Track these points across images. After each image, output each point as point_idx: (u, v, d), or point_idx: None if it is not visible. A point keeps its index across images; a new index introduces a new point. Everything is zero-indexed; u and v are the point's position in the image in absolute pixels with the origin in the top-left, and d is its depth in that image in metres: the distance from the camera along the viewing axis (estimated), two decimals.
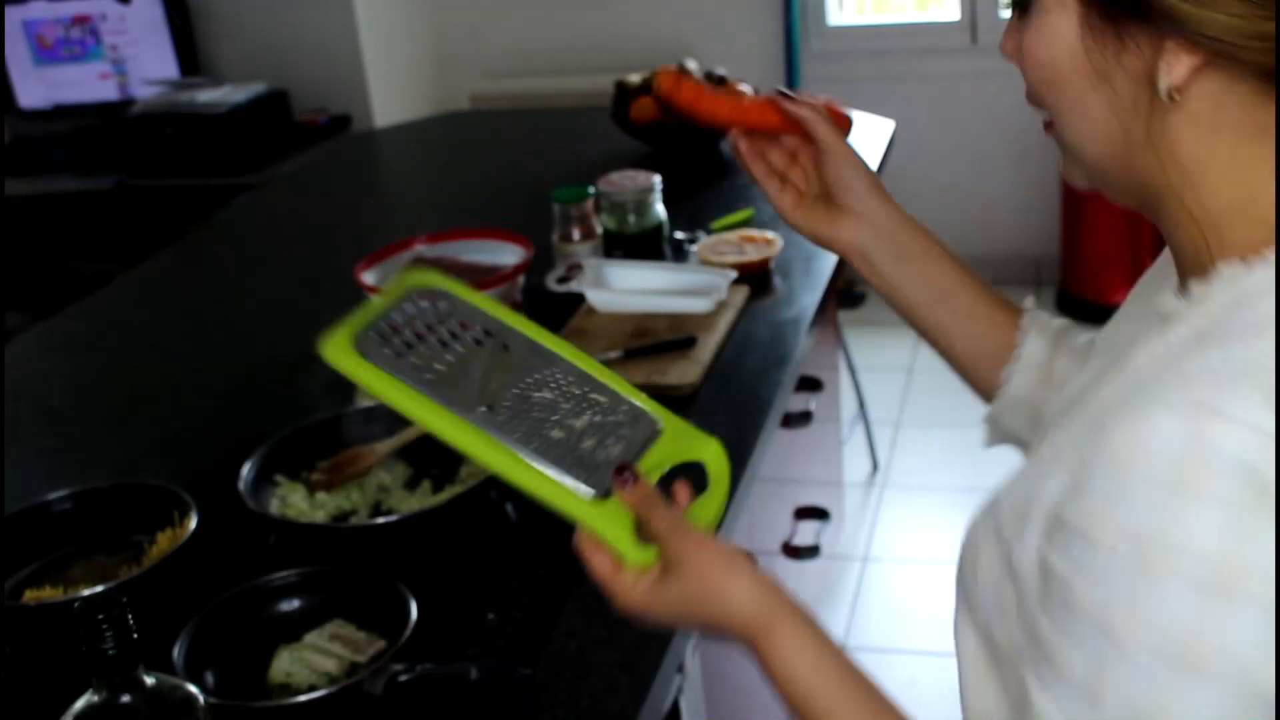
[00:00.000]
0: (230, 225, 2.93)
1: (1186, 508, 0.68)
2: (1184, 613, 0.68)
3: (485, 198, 2.71)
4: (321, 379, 1.92)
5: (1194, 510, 0.68)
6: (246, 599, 1.35)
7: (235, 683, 1.27)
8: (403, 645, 1.24)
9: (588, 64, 4.38)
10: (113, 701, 0.99)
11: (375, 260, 2.16)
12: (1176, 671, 0.69)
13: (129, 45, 4.31)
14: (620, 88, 2.78)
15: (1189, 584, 0.68)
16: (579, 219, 2.13)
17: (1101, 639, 0.71)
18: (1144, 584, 0.69)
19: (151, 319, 2.36)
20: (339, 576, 1.37)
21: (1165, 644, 0.69)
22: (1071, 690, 0.73)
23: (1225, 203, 0.76)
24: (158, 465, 1.75)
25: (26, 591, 1.44)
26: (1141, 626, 0.69)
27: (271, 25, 4.26)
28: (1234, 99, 0.73)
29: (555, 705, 1.23)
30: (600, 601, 1.37)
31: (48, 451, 1.83)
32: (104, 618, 0.96)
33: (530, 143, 3.09)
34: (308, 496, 1.56)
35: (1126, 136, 0.78)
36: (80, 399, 2.00)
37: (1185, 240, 0.80)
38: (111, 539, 1.52)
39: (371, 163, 3.23)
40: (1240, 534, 0.67)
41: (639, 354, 1.82)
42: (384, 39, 4.34)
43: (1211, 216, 0.77)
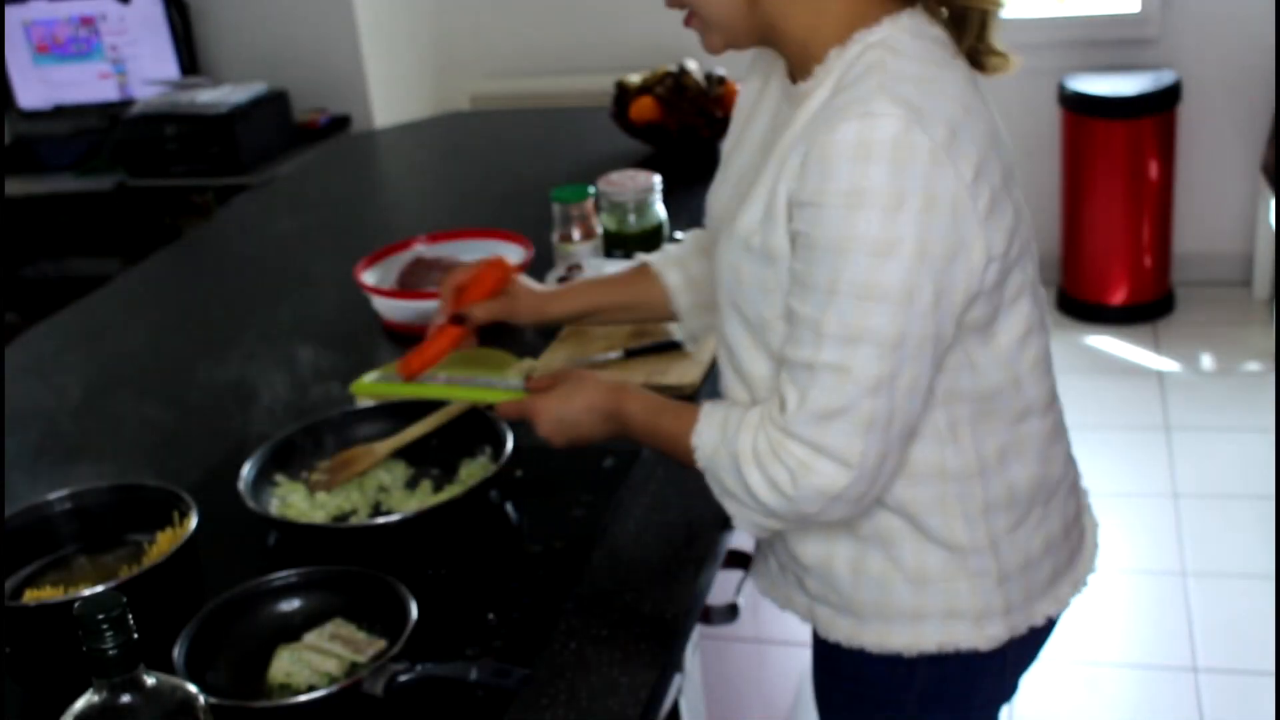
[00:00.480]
0: (230, 225, 2.93)
1: (868, 165, 1.11)
2: (874, 229, 1.11)
3: (485, 198, 2.71)
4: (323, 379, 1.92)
5: (873, 166, 1.11)
6: (246, 599, 1.35)
7: (235, 683, 1.27)
8: (403, 645, 1.25)
9: (588, 64, 4.38)
10: (113, 701, 0.99)
11: (375, 260, 2.16)
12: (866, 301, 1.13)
13: (129, 45, 4.31)
14: (620, 88, 2.78)
15: (875, 207, 1.11)
16: (579, 219, 2.13)
17: (829, 264, 1.13)
18: (848, 216, 1.11)
19: (151, 319, 2.36)
20: (339, 576, 1.37)
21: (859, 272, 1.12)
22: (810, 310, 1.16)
23: (807, 22, 1.21)
24: (158, 465, 1.75)
25: (26, 591, 1.44)
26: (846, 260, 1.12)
27: (271, 25, 4.25)
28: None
29: (555, 705, 1.23)
30: (600, 601, 1.38)
31: (48, 451, 1.83)
32: (104, 618, 0.96)
33: (530, 143, 3.09)
34: (308, 497, 1.56)
35: (746, 6, 1.22)
36: (80, 399, 2.00)
37: (794, 52, 1.24)
38: (111, 539, 1.53)
39: (371, 163, 3.23)
40: (901, 174, 1.11)
41: (639, 354, 1.83)
42: (384, 39, 4.34)
43: (803, 32, 1.22)
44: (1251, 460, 3.27)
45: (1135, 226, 3.99)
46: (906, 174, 1.11)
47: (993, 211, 1.17)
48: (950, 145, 1.13)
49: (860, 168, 1.11)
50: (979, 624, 1.30)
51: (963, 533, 1.27)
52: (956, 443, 1.26)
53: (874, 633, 1.32)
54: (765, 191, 1.22)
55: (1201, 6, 3.95)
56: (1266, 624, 2.69)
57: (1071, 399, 3.81)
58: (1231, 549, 2.98)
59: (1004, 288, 1.23)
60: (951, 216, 1.14)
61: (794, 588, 1.39)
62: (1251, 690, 2.57)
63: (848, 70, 1.18)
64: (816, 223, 1.14)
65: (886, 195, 1.11)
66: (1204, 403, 3.58)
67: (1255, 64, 3.92)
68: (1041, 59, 4.08)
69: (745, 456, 1.22)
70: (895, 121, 1.11)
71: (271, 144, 4.11)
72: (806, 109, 1.21)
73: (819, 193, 1.13)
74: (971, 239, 1.16)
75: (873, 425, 1.16)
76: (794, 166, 1.17)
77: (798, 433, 1.18)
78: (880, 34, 1.18)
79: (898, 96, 1.13)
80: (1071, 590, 1.39)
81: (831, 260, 1.14)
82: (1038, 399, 1.31)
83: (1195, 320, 4.03)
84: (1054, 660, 2.66)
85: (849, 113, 1.13)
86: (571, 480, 1.57)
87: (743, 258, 1.24)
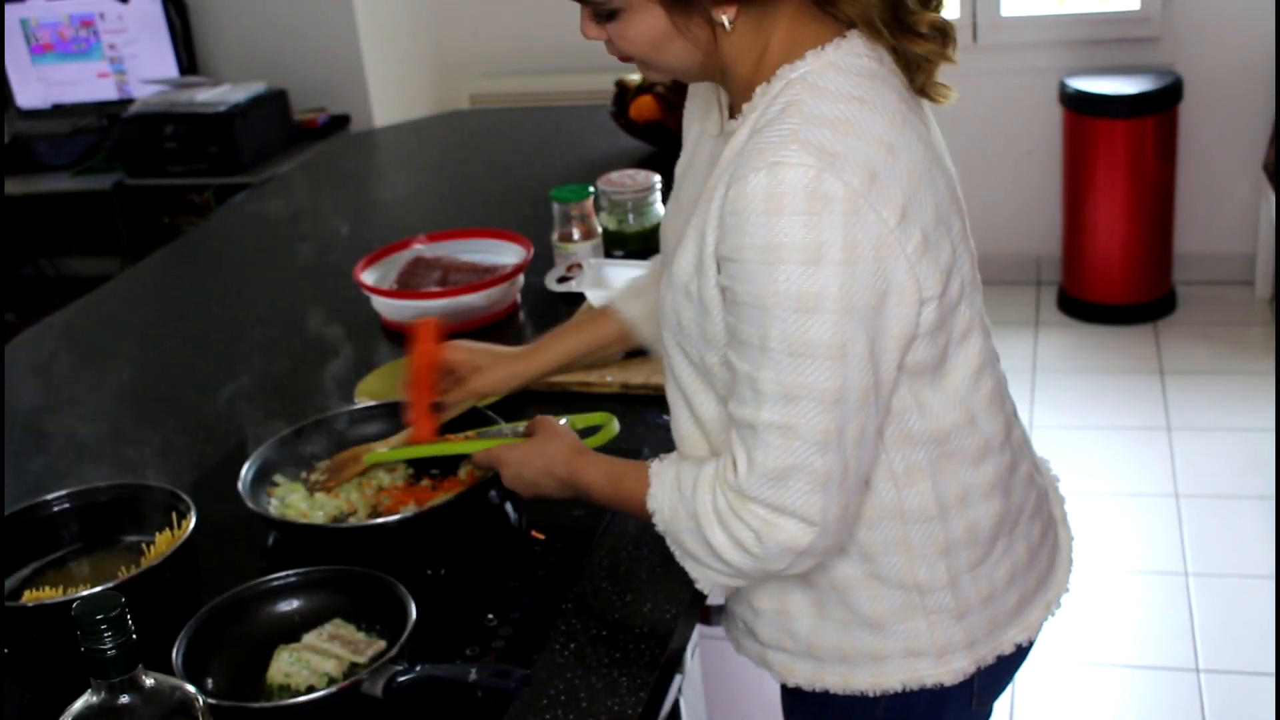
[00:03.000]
0: (229, 225, 2.93)
1: (780, 219, 1.08)
2: (794, 285, 1.08)
3: (485, 197, 2.71)
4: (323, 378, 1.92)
5: (784, 219, 1.08)
6: (246, 599, 1.34)
7: (234, 683, 1.27)
8: (402, 646, 1.24)
9: (587, 63, 4.37)
10: (111, 702, 0.98)
11: (375, 260, 2.16)
12: (798, 358, 1.10)
13: (128, 44, 4.31)
14: (620, 87, 2.77)
15: (794, 262, 1.08)
16: (579, 218, 2.13)
17: (756, 320, 1.11)
18: (768, 272, 1.09)
19: (150, 318, 2.35)
20: (338, 577, 1.37)
21: (787, 329, 1.10)
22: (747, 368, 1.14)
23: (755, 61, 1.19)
24: (158, 465, 1.75)
25: (26, 592, 1.44)
26: (772, 317, 1.10)
27: (270, 24, 4.25)
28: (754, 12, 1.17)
29: (555, 705, 1.23)
30: (600, 601, 1.38)
31: (48, 451, 1.83)
32: (104, 618, 0.96)
33: (530, 142, 3.09)
34: (307, 497, 1.55)
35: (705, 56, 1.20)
36: (80, 399, 1.99)
37: (739, 91, 1.22)
38: (111, 539, 1.52)
39: (371, 162, 3.22)
40: (816, 225, 1.08)
41: (639, 354, 1.82)
42: (383, 38, 4.33)
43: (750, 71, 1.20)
44: (1253, 460, 3.27)
45: (1136, 226, 3.98)
46: (821, 225, 1.08)
47: (925, 251, 1.14)
48: (869, 190, 1.09)
49: (772, 221, 1.08)
50: (942, 659, 1.29)
51: (923, 573, 1.26)
52: (913, 485, 1.24)
53: (836, 675, 1.31)
54: (695, 240, 1.19)
55: (1203, 5, 3.94)
56: (1267, 624, 2.69)
57: (1072, 399, 3.81)
58: (1233, 549, 2.98)
59: (949, 327, 1.20)
60: (875, 263, 1.10)
61: (744, 634, 1.38)
62: (1253, 691, 2.56)
63: (766, 109, 1.15)
64: (738, 279, 1.12)
65: (803, 249, 1.08)
66: (1205, 403, 3.57)
67: (1257, 63, 3.91)
68: (1042, 58, 4.08)
69: (706, 517, 1.20)
70: (804, 171, 1.08)
71: (270, 143, 4.11)
72: (731, 147, 1.18)
73: (736, 248, 1.11)
74: (902, 282, 1.12)
75: (829, 481, 1.14)
76: (714, 217, 1.15)
77: (754, 495, 1.16)
78: (802, 69, 1.16)
79: (809, 143, 1.09)
80: (1043, 613, 1.36)
81: (758, 317, 1.11)
82: (995, 435, 1.28)
83: (1196, 320, 4.03)
84: (1055, 660, 2.65)
85: (758, 162, 1.10)
86: None
87: (682, 304, 1.22)
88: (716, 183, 1.17)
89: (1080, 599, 1.42)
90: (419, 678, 1.21)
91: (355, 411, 1.68)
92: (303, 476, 1.60)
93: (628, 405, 1.69)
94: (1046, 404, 3.62)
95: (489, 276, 2.07)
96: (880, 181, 1.11)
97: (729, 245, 1.12)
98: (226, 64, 4.34)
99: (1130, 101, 3.84)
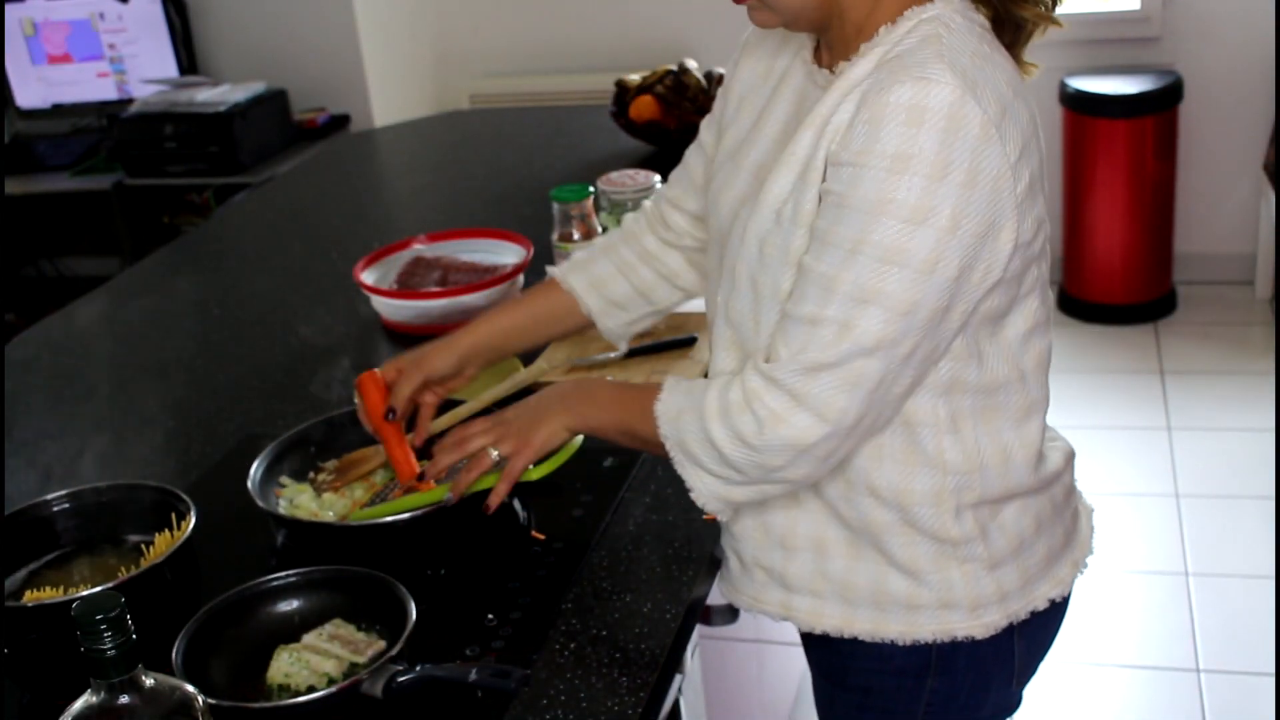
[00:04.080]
0: (229, 225, 2.93)
1: (919, 131, 1.09)
2: (914, 196, 1.09)
3: (485, 197, 2.71)
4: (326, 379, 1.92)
5: (924, 132, 1.09)
6: (245, 599, 1.34)
7: (234, 683, 1.27)
8: (402, 646, 1.24)
9: (588, 63, 4.38)
10: (111, 702, 0.98)
11: (375, 260, 2.16)
12: (887, 264, 1.11)
13: (128, 44, 4.31)
14: (620, 86, 2.77)
15: (919, 174, 1.09)
16: (579, 219, 2.13)
17: (857, 224, 1.11)
18: (891, 180, 1.10)
19: (150, 318, 2.35)
20: (338, 577, 1.37)
21: (888, 235, 1.10)
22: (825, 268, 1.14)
23: (868, 9, 1.20)
24: (158, 465, 1.75)
25: (26, 592, 1.44)
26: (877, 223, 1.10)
27: (270, 24, 4.25)
28: None
29: (555, 705, 1.23)
30: (600, 601, 1.37)
31: (48, 451, 1.83)
32: (104, 618, 0.96)
33: (530, 142, 3.09)
34: (315, 497, 1.55)
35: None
36: (79, 399, 2.00)
37: (846, 34, 1.22)
38: (111, 539, 1.52)
39: (371, 162, 3.23)
40: (951, 144, 1.09)
41: (639, 354, 1.82)
42: (383, 38, 4.33)
43: (863, 14, 1.21)
44: (1253, 460, 3.27)
45: (1137, 226, 3.98)
46: (956, 145, 1.10)
47: (1029, 197, 1.17)
48: (1001, 121, 1.13)
49: (911, 132, 1.10)
50: (974, 612, 1.29)
51: (952, 526, 1.25)
52: (957, 433, 1.23)
53: (868, 620, 1.29)
54: (800, 156, 1.20)
55: (1203, 5, 3.94)
56: (1268, 624, 2.69)
57: (1073, 399, 3.81)
58: (1233, 549, 2.98)
59: (1022, 280, 1.22)
60: (992, 193, 1.12)
61: (764, 585, 1.34)
62: (1253, 691, 2.57)
63: (898, 43, 1.17)
64: (855, 182, 1.12)
65: (932, 164, 1.09)
66: (1206, 403, 3.57)
67: (1257, 63, 3.92)
68: (1043, 58, 4.05)
69: (710, 412, 1.20)
70: (951, 90, 1.10)
71: (270, 143, 4.11)
72: (847, 78, 1.19)
73: (863, 153, 1.11)
74: (1005, 220, 1.14)
75: (859, 384, 1.14)
76: (838, 125, 1.16)
77: (781, 379, 1.16)
78: (934, 11, 1.18)
79: (955, 65, 1.12)
80: (1072, 571, 1.36)
81: (861, 221, 1.11)
82: (1040, 399, 1.29)
83: (1197, 320, 4.03)
84: (1055, 660, 2.65)
85: (905, 75, 1.12)
86: (571, 480, 1.57)
87: (772, 230, 1.21)
88: (836, 102, 1.18)
89: (1081, 599, 1.42)
90: (419, 678, 1.21)
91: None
92: (310, 477, 1.59)
93: None
94: None
95: (489, 276, 2.07)
96: (1009, 116, 1.14)
97: (854, 150, 1.12)
98: (226, 64, 4.34)
99: (1130, 101, 3.84)
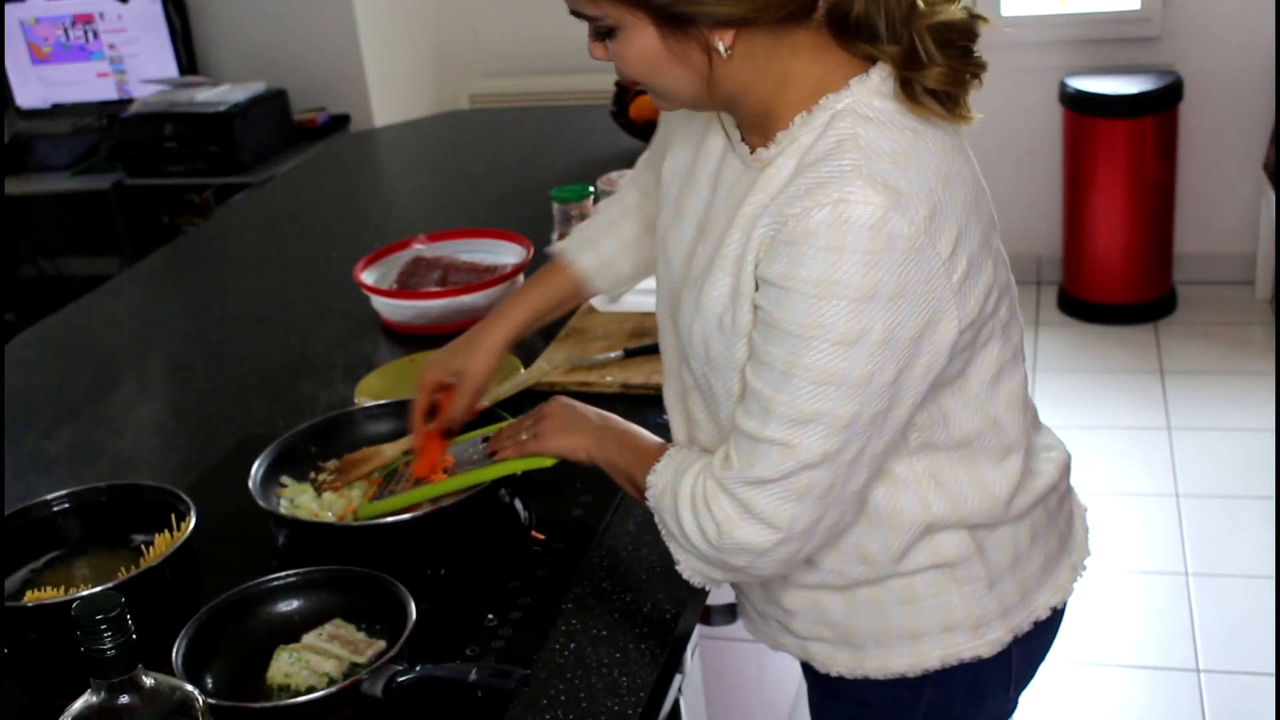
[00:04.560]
0: (228, 225, 2.93)
1: (841, 256, 1.06)
2: (841, 321, 1.07)
3: (485, 197, 2.71)
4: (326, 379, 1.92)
5: (846, 258, 1.06)
6: (245, 599, 1.34)
7: (234, 683, 1.27)
8: (402, 646, 1.24)
9: (587, 63, 4.36)
10: (111, 702, 0.98)
11: (375, 260, 2.16)
12: (822, 386, 1.09)
13: (127, 44, 4.31)
14: (620, 86, 2.77)
15: (846, 299, 1.06)
16: (579, 218, 2.13)
17: (788, 347, 1.09)
18: (816, 305, 1.07)
19: (150, 318, 2.35)
20: (338, 577, 1.37)
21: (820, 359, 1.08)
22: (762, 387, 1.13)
23: (772, 91, 1.16)
24: (158, 465, 1.75)
25: (27, 592, 1.44)
26: (808, 347, 1.08)
27: (270, 24, 4.25)
28: (759, 41, 1.13)
29: (555, 705, 1.23)
30: (600, 601, 1.37)
31: (47, 451, 1.83)
32: (103, 618, 0.96)
33: (530, 142, 3.09)
34: (316, 497, 1.54)
35: (705, 83, 1.16)
36: (78, 399, 1.99)
37: (752, 119, 1.19)
38: (111, 539, 1.52)
39: (371, 162, 3.23)
40: (876, 266, 1.06)
41: (639, 353, 1.82)
42: (383, 38, 4.33)
43: (768, 100, 1.17)
44: (1253, 460, 3.27)
45: (1137, 226, 3.98)
46: (881, 265, 1.06)
47: (968, 278, 1.12)
48: (931, 224, 1.08)
49: (833, 258, 1.06)
50: (977, 631, 1.29)
51: (949, 551, 1.26)
52: (940, 486, 1.23)
53: (875, 659, 1.31)
54: (731, 264, 1.17)
55: (1203, 5, 3.94)
56: (1268, 624, 2.69)
57: (1073, 399, 3.81)
58: (1233, 549, 2.98)
59: (975, 341, 1.19)
60: (924, 297, 1.09)
61: (780, 632, 1.37)
62: (1253, 691, 2.56)
63: (816, 141, 1.12)
64: (782, 306, 1.10)
65: (858, 287, 1.06)
66: (1206, 403, 3.57)
67: (1257, 62, 3.91)
68: (1043, 58, 4.08)
69: (684, 499, 1.23)
70: (872, 210, 1.06)
71: (270, 143, 4.11)
72: (770, 178, 1.15)
73: (787, 277, 1.09)
74: (943, 314, 1.11)
75: (807, 494, 1.15)
76: (760, 240, 1.13)
77: (732, 490, 1.17)
78: (848, 99, 1.13)
79: (875, 179, 1.07)
80: (1070, 575, 1.36)
81: (792, 344, 1.10)
82: (1018, 436, 1.27)
83: (1197, 320, 4.03)
84: (1055, 660, 2.65)
85: (822, 197, 1.07)
86: (571, 480, 1.57)
87: (714, 336, 1.20)
88: (758, 210, 1.15)
89: (1081, 599, 1.42)
90: (419, 678, 1.21)
91: (363, 411, 1.67)
92: (310, 476, 1.59)
93: (628, 405, 1.69)
94: (1047, 404, 3.59)
95: (489, 276, 2.07)
96: (939, 215, 1.10)
97: (778, 271, 1.10)
98: (226, 64, 4.34)
99: (1130, 101, 3.84)
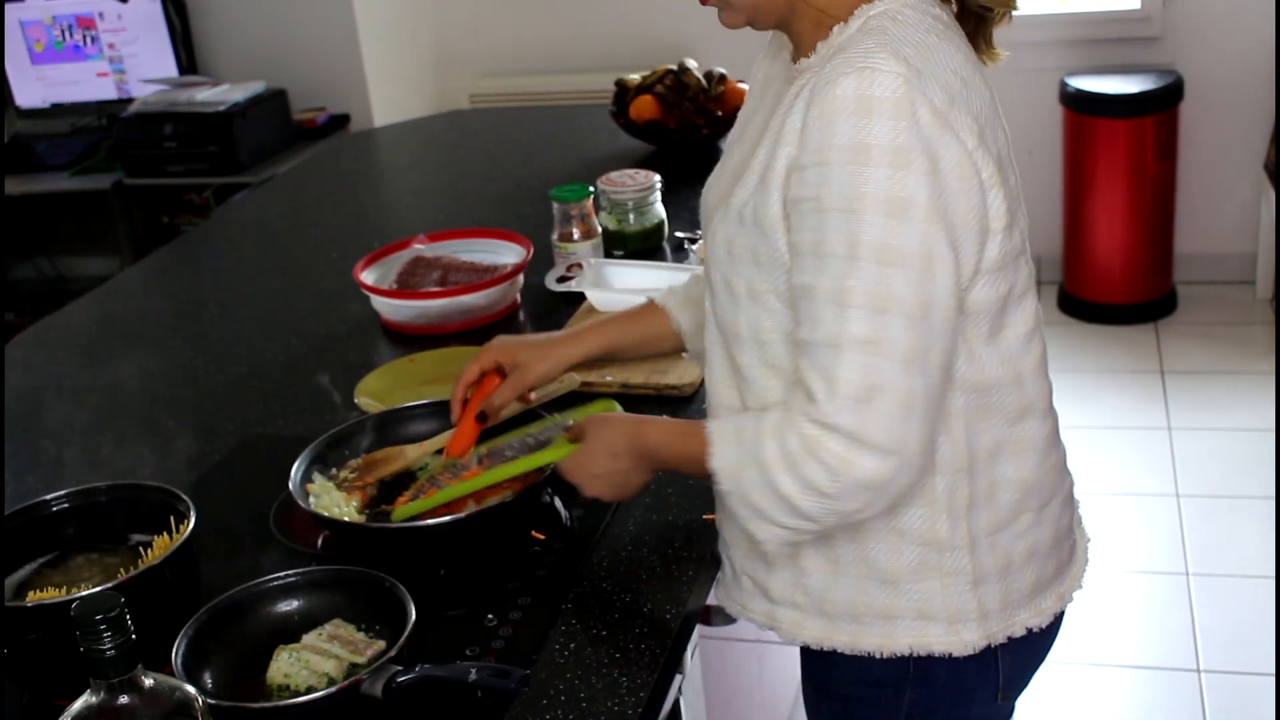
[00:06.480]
0: (228, 224, 2.93)
1: (870, 120, 1.09)
2: (883, 188, 1.08)
3: (485, 197, 2.71)
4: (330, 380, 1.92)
5: (875, 121, 1.09)
6: (246, 599, 1.34)
7: (234, 683, 1.27)
8: (402, 646, 1.24)
9: (587, 62, 4.38)
10: (111, 702, 0.98)
11: (375, 260, 2.16)
12: (887, 266, 1.09)
13: (127, 44, 4.30)
14: (620, 86, 2.77)
15: (883, 165, 1.08)
16: (579, 218, 2.13)
17: (843, 227, 1.10)
18: (855, 173, 1.09)
19: (150, 318, 2.35)
20: (338, 577, 1.37)
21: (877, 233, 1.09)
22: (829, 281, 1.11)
23: (822, 5, 1.20)
24: (158, 465, 1.75)
25: (27, 592, 1.44)
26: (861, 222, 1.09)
27: (270, 24, 4.25)
28: None
29: (555, 705, 1.23)
30: (600, 602, 1.37)
31: (47, 452, 1.83)
32: (103, 618, 0.96)
33: (530, 142, 3.09)
34: (342, 497, 1.52)
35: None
36: (79, 399, 1.99)
37: (806, 31, 1.23)
38: (110, 539, 1.52)
39: (371, 162, 3.22)
40: (904, 131, 1.09)
41: None
42: (383, 37, 4.33)
43: (823, 9, 1.21)
44: (1253, 460, 3.27)
45: (1137, 225, 3.98)
46: (909, 133, 1.09)
47: (998, 179, 1.16)
48: (949, 112, 1.12)
49: (862, 122, 1.09)
50: (952, 627, 1.27)
51: (944, 529, 1.24)
52: (948, 433, 1.22)
53: (846, 634, 1.29)
54: (761, 160, 1.19)
55: (1203, 5, 3.94)
56: (1268, 624, 2.69)
57: (1073, 399, 3.80)
58: (1234, 549, 2.98)
59: (1011, 279, 1.21)
60: (957, 182, 1.12)
61: (751, 594, 1.34)
62: (1253, 691, 2.56)
63: (847, 41, 1.17)
64: (823, 183, 1.11)
65: (891, 152, 1.08)
66: (1206, 403, 3.57)
67: (1257, 62, 3.91)
68: (1043, 57, 4.08)
69: (774, 465, 1.16)
70: (895, 78, 1.10)
71: (270, 143, 4.11)
72: (802, 69, 1.20)
73: (822, 150, 1.11)
74: (976, 206, 1.14)
75: (912, 406, 1.11)
76: (793, 129, 1.15)
77: (836, 423, 1.11)
78: (881, 7, 1.18)
79: (898, 53, 1.12)
80: (1056, 604, 1.35)
81: (845, 223, 1.10)
82: (1038, 400, 1.28)
83: (1197, 320, 4.03)
84: (1055, 660, 2.65)
85: (848, 66, 1.11)
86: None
87: (737, 231, 1.22)
88: (793, 101, 1.17)
89: (1081, 599, 1.41)
90: (419, 678, 1.21)
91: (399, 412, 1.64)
92: (331, 473, 1.57)
93: (628, 405, 1.68)
94: None
95: (489, 276, 2.07)
96: (957, 106, 1.14)
97: (813, 150, 1.11)
98: (226, 64, 4.34)
99: (1130, 101, 3.84)
